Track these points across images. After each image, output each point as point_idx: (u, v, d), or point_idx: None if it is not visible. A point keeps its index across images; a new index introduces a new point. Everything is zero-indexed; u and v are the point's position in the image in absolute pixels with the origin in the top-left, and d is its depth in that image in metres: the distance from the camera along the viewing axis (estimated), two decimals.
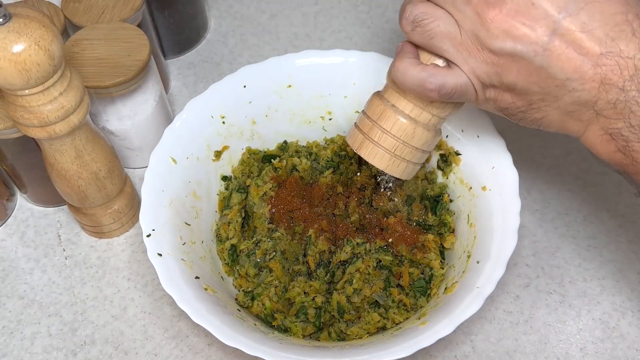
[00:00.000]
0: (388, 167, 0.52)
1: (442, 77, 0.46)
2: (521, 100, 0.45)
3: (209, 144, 0.61)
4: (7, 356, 0.57)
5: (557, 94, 0.43)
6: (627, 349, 0.56)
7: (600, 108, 0.42)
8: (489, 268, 0.51)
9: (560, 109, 0.44)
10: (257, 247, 0.57)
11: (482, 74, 0.45)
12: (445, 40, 0.45)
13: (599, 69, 0.41)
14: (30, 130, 0.51)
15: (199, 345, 0.57)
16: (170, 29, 0.77)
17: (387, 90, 0.51)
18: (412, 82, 0.47)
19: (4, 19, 0.45)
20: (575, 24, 0.41)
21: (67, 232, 0.65)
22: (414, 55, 0.47)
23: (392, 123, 0.50)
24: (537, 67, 0.42)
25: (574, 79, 0.42)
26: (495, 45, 0.43)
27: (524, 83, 0.44)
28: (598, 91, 0.42)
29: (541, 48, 0.42)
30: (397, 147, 0.51)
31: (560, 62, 0.42)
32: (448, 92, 0.46)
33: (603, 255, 0.61)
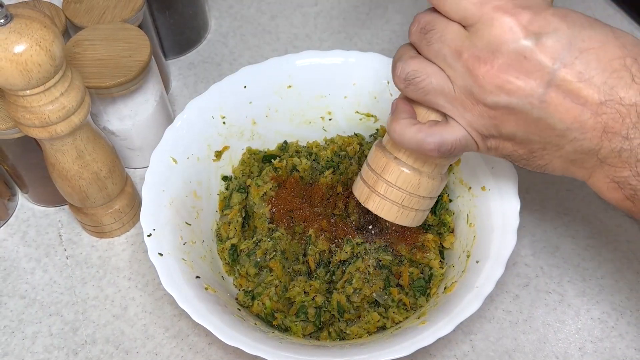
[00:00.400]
0: (397, 219, 0.51)
1: (440, 136, 0.44)
2: (523, 149, 0.44)
3: (210, 144, 0.61)
4: (8, 355, 0.58)
5: (558, 143, 0.42)
6: (626, 348, 0.56)
7: (604, 156, 0.41)
8: (488, 267, 0.51)
9: (562, 157, 0.43)
10: (257, 246, 0.57)
11: (480, 127, 0.44)
12: (439, 96, 0.44)
13: (599, 118, 0.40)
14: (31, 131, 0.51)
15: (199, 344, 0.57)
16: (171, 29, 0.77)
17: (388, 141, 0.50)
18: (410, 143, 0.46)
19: (5, 20, 0.45)
20: (571, 73, 0.40)
21: (68, 231, 0.65)
22: (409, 114, 0.46)
23: (397, 176, 0.49)
24: (535, 118, 0.41)
25: (574, 128, 0.41)
26: (489, 100, 0.42)
27: (523, 133, 0.43)
28: (600, 140, 0.41)
29: (537, 100, 0.41)
30: (404, 199, 0.50)
31: (558, 113, 0.41)
32: (448, 149, 0.45)
33: (602, 254, 0.61)
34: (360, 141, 0.64)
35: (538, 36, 0.40)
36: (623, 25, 0.79)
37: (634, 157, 0.40)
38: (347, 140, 0.64)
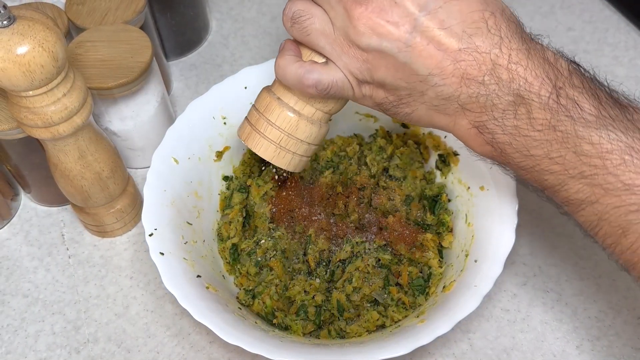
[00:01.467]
0: (274, 158, 0.52)
1: (319, 74, 0.47)
2: (392, 96, 0.46)
3: (211, 145, 0.61)
4: (11, 353, 0.58)
5: (422, 89, 0.44)
6: (623, 346, 0.56)
7: (463, 102, 0.43)
8: (486, 267, 0.51)
9: (426, 104, 0.45)
10: (257, 246, 0.57)
11: (355, 70, 0.46)
12: (320, 37, 0.46)
13: (458, 64, 0.42)
14: (34, 131, 0.51)
15: (200, 343, 0.57)
16: (172, 31, 0.77)
17: (274, 83, 0.52)
18: (291, 78, 0.48)
19: (8, 21, 0.45)
20: (434, 21, 0.42)
21: (70, 231, 0.65)
22: (295, 53, 0.48)
23: (277, 115, 0.51)
24: (402, 63, 0.43)
25: (435, 74, 0.43)
26: (362, 42, 0.44)
27: (392, 79, 0.45)
28: (460, 86, 0.43)
29: (404, 45, 0.43)
30: (282, 139, 0.51)
31: (422, 58, 0.43)
32: (325, 87, 0.47)
33: (599, 254, 0.61)
34: (359, 142, 0.64)
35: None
36: (620, 27, 0.79)
37: (490, 102, 0.42)
38: (347, 140, 0.64)
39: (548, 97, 0.41)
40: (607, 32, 0.79)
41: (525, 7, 0.82)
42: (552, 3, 0.83)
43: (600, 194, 0.41)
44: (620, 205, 0.40)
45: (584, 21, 0.80)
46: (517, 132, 0.42)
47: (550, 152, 0.42)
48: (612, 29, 0.79)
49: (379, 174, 0.61)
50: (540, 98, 0.41)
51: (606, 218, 0.41)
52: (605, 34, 0.79)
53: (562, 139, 0.41)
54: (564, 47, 0.44)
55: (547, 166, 0.42)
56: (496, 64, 0.42)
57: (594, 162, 0.40)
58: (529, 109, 0.41)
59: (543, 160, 0.42)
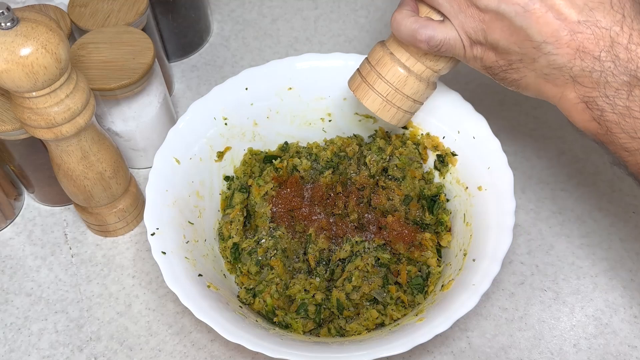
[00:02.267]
0: (379, 110, 0.54)
1: (432, 30, 0.47)
2: (503, 60, 0.47)
3: (212, 145, 0.61)
4: (14, 351, 0.58)
5: (534, 56, 0.44)
6: (620, 344, 0.56)
7: (575, 74, 0.43)
8: (484, 266, 0.51)
9: (536, 71, 0.45)
10: (258, 245, 0.57)
11: (469, 29, 0.46)
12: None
13: (575, 36, 0.42)
14: (37, 132, 0.51)
15: (202, 341, 0.57)
16: (174, 32, 0.77)
17: (389, 39, 0.53)
18: (405, 32, 0.49)
19: (12, 23, 0.45)
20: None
21: (73, 230, 0.65)
22: (411, 8, 0.49)
23: (388, 69, 0.52)
24: (517, 27, 0.43)
25: (550, 42, 0.43)
26: (481, 2, 0.44)
27: (506, 42, 0.45)
28: (573, 57, 0.42)
29: (522, 9, 0.43)
30: (389, 93, 0.53)
31: (538, 24, 0.43)
32: (436, 44, 0.48)
33: (596, 253, 0.61)
34: (359, 142, 0.64)
35: None
36: None
37: (603, 79, 0.42)
38: (347, 141, 0.64)
39: None
40: None
41: None
42: None
43: None
44: None
45: None
46: (628, 113, 0.42)
47: None
48: None
49: (378, 174, 0.61)
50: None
51: None
52: None
53: None
54: None
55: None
56: (615, 42, 0.41)
57: None
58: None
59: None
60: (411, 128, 0.63)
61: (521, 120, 0.71)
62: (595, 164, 0.67)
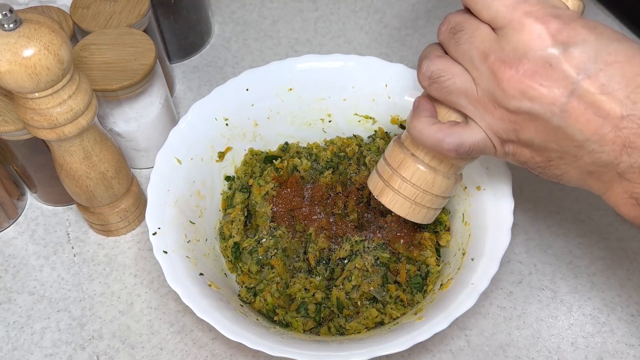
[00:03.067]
0: (409, 214, 0.50)
1: (459, 137, 0.44)
2: (540, 157, 0.43)
3: (213, 145, 0.61)
4: (17, 350, 0.58)
5: (577, 154, 0.41)
6: (617, 343, 0.56)
7: (622, 170, 0.40)
8: (483, 265, 0.51)
9: (580, 168, 0.42)
10: (259, 244, 0.57)
11: (499, 131, 0.43)
12: (462, 97, 0.43)
13: (620, 132, 0.39)
14: (40, 132, 0.51)
15: (203, 339, 0.57)
16: (176, 34, 0.77)
17: (407, 138, 0.49)
18: (429, 141, 0.45)
19: (14, 24, 0.45)
20: (595, 85, 0.38)
21: (75, 230, 0.65)
22: (430, 112, 0.46)
23: (412, 172, 0.48)
24: (555, 127, 0.40)
25: (594, 140, 0.39)
26: (511, 105, 0.41)
27: (542, 141, 0.42)
28: (620, 154, 0.39)
29: (559, 109, 0.39)
30: (417, 195, 0.49)
31: (578, 123, 0.39)
32: (466, 150, 0.44)
33: (593, 252, 0.61)
34: (359, 142, 0.64)
35: (566, 46, 0.39)
36: None
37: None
38: (347, 141, 0.64)
39: None
40: None
41: None
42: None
43: None
44: None
45: None
46: None
47: None
48: None
49: None
50: None
51: None
52: None
53: None
54: None
55: None
56: None
57: None
58: None
59: None
60: None
61: None
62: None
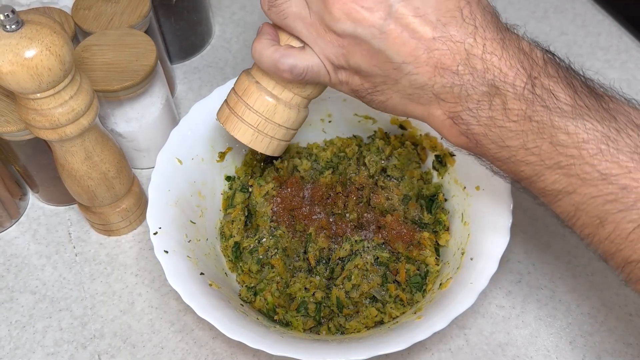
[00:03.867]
0: (251, 142, 0.51)
1: (294, 59, 0.46)
2: (368, 83, 0.45)
3: (213, 145, 0.61)
4: (19, 349, 0.57)
5: (396, 77, 0.43)
6: (615, 342, 0.56)
7: (437, 92, 0.42)
8: (482, 264, 0.51)
9: (400, 92, 0.44)
10: (259, 244, 0.57)
11: (331, 55, 0.45)
12: (297, 21, 0.45)
13: (432, 53, 0.41)
14: (41, 132, 0.51)
15: (203, 338, 0.57)
16: (176, 35, 0.76)
17: (253, 67, 0.51)
18: (267, 62, 0.47)
19: (16, 26, 0.45)
20: (408, 8, 0.41)
21: (77, 230, 0.65)
22: (272, 37, 0.47)
23: (255, 99, 0.49)
24: (376, 50, 0.42)
25: (409, 62, 0.42)
26: (338, 27, 0.43)
27: (367, 65, 0.44)
28: (433, 75, 0.41)
29: (378, 31, 0.41)
30: (260, 123, 0.50)
31: (395, 45, 0.41)
32: (300, 72, 0.46)
33: (591, 252, 0.61)
34: (358, 142, 0.64)
35: None
36: (612, 31, 0.79)
37: (464, 93, 0.41)
38: (346, 141, 0.64)
39: (523, 87, 0.40)
40: (600, 36, 0.79)
41: (520, 12, 0.82)
42: (545, 8, 0.83)
43: (577, 184, 0.40)
44: (597, 195, 0.39)
45: (577, 25, 0.80)
46: (492, 123, 0.41)
47: (526, 142, 0.40)
48: (604, 33, 0.79)
49: (377, 174, 0.61)
50: (515, 88, 0.40)
51: (583, 208, 0.40)
52: (597, 38, 0.79)
53: (537, 129, 0.40)
54: (557, 50, 0.44)
55: (523, 157, 0.41)
56: (470, 54, 0.40)
57: (570, 152, 0.39)
58: (504, 100, 0.40)
59: (519, 151, 0.41)
60: (410, 129, 0.63)
61: None
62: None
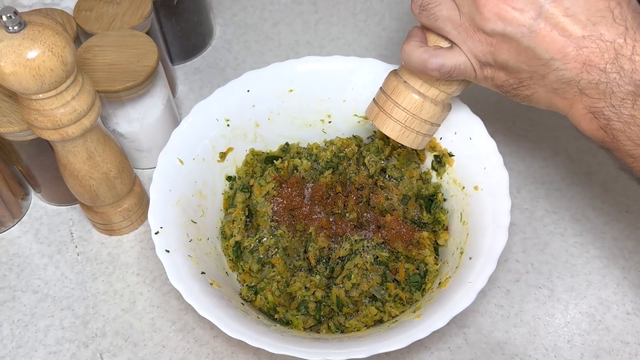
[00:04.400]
0: (399, 137, 0.55)
1: (442, 58, 0.49)
2: (513, 78, 0.48)
3: (214, 146, 0.61)
4: (22, 347, 0.58)
5: (543, 73, 0.45)
6: (613, 340, 0.56)
7: (583, 87, 0.44)
8: (480, 264, 0.51)
9: (546, 87, 0.46)
10: (260, 243, 0.57)
11: (478, 53, 0.47)
12: (447, 23, 0.48)
13: (581, 51, 0.43)
14: (44, 133, 0.51)
15: (204, 337, 0.57)
16: (178, 36, 0.77)
17: (401, 68, 0.54)
18: (416, 62, 0.50)
19: (19, 27, 0.45)
20: (559, 8, 0.43)
21: (79, 229, 0.65)
22: (420, 39, 0.51)
23: (403, 97, 0.53)
24: (525, 47, 0.44)
25: (558, 58, 0.44)
26: (487, 27, 0.45)
27: (514, 62, 0.46)
28: (580, 71, 0.43)
29: (528, 30, 0.44)
30: (407, 119, 0.54)
31: (544, 43, 0.44)
32: (448, 70, 0.49)
33: (589, 251, 0.61)
34: (358, 143, 0.64)
35: None
36: None
37: (609, 90, 0.43)
38: (346, 142, 0.64)
39: None
40: None
41: None
42: None
43: None
44: None
45: None
46: (633, 121, 0.43)
47: None
48: None
49: (377, 174, 0.61)
50: None
51: None
52: None
53: None
54: None
55: None
56: (619, 54, 0.42)
57: None
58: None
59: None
60: None
61: (517, 121, 0.71)
62: (588, 164, 0.67)
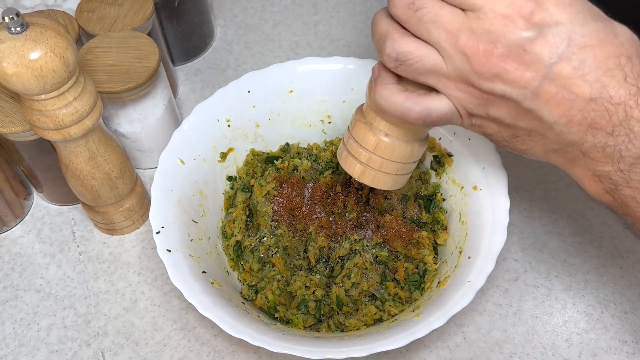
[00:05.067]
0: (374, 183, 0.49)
1: (427, 107, 0.42)
2: (507, 132, 0.43)
3: (215, 146, 0.61)
4: (24, 346, 0.58)
5: (544, 133, 0.41)
6: (610, 339, 0.56)
7: (586, 149, 0.40)
8: (479, 263, 0.51)
9: (545, 146, 0.42)
10: (260, 243, 0.57)
11: (468, 105, 0.42)
12: (430, 75, 0.41)
13: (587, 114, 0.39)
14: (46, 133, 0.51)
15: (205, 336, 0.57)
16: (179, 37, 0.77)
17: (367, 108, 0.48)
18: (397, 110, 0.43)
19: (21, 28, 0.45)
20: (567, 69, 0.38)
21: (81, 229, 0.65)
22: (395, 80, 0.43)
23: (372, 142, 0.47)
24: (526, 109, 0.40)
25: (562, 123, 0.40)
26: (485, 86, 0.40)
27: (512, 119, 0.41)
28: (585, 134, 0.40)
29: (531, 92, 0.39)
30: (382, 164, 0.48)
31: (548, 106, 0.39)
32: (433, 120, 0.42)
33: (587, 251, 0.61)
34: None
35: (539, 29, 0.38)
36: None
37: (617, 153, 0.39)
38: None
39: None
40: None
41: None
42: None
43: None
44: None
45: None
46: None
47: None
48: None
49: None
50: None
51: None
52: None
53: None
54: None
55: None
56: (629, 116, 0.38)
57: None
58: None
59: None
60: None
61: None
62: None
